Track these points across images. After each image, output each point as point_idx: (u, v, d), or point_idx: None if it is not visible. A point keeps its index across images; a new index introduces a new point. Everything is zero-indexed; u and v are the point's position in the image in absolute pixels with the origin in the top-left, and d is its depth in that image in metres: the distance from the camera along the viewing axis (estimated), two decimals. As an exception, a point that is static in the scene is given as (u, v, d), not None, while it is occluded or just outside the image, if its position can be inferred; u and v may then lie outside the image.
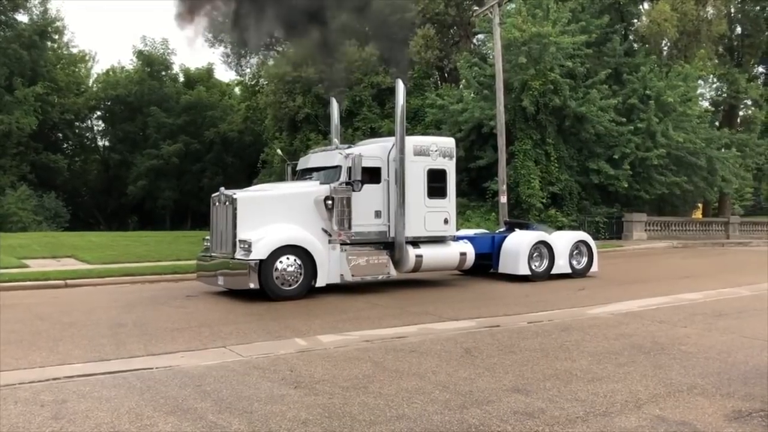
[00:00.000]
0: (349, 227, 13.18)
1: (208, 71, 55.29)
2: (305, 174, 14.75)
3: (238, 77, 53.96)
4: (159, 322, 10.02)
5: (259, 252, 12.20)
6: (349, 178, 13.22)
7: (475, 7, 35.59)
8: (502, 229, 17.93)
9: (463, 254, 14.94)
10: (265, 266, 12.22)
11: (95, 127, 55.75)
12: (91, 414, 5.56)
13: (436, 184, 14.44)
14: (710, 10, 36.41)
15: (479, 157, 30.97)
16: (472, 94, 33.10)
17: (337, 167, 13.59)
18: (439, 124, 33.14)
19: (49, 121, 47.04)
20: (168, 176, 50.16)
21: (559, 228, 30.69)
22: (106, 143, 55.02)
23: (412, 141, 14.38)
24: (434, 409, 5.67)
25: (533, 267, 15.61)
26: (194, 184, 50.29)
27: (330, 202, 13.03)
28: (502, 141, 24.51)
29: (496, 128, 25.39)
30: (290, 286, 12.51)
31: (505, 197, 24.40)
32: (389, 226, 13.87)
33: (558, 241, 16.28)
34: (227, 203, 12.93)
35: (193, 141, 50.55)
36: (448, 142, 15.08)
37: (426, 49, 35.88)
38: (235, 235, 12.60)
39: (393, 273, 13.93)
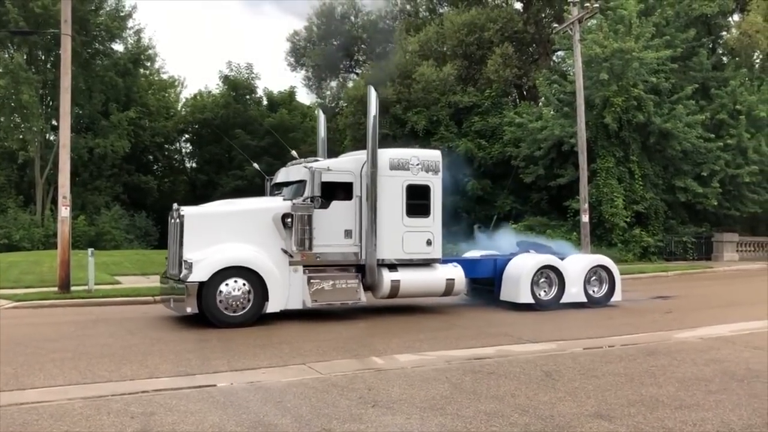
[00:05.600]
0: (310, 247, 11.95)
1: (290, 94, 56.61)
2: (276, 189, 13.84)
3: (319, 99, 55.07)
4: (241, 338, 10.27)
5: (199, 273, 11.14)
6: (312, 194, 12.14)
7: (555, 25, 35.15)
8: (513, 252, 15.58)
9: (450, 279, 13.26)
10: (206, 289, 11.15)
11: (183, 149, 57.96)
12: (177, 427, 5.76)
13: (416, 201, 12.97)
14: (807, 19, 34.66)
15: (559, 175, 30.55)
16: (551, 112, 32.71)
17: (302, 182, 12.53)
18: (517, 142, 32.89)
19: (141, 144, 49.17)
20: (252, 196, 51.38)
21: (644, 249, 29.79)
22: (194, 165, 57.06)
23: (389, 153, 13.07)
24: (513, 432, 5.58)
25: (539, 294, 13.90)
26: (277, 203, 51.41)
27: (289, 219, 11.91)
28: (583, 158, 24.02)
29: (576, 146, 24.92)
30: (236, 311, 11.35)
31: (587, 216, 23.83)
32: (361, 247, 12.53)
33: (570, 266, 14.42)
34: (177, 220, 11.96)
35: (276, 162, 51.74)
36: (433, 155, 13.51)
37: (504, 67, 35.71)
38: (181, 255, 11.59)
39: (363, 299, 12.54)
